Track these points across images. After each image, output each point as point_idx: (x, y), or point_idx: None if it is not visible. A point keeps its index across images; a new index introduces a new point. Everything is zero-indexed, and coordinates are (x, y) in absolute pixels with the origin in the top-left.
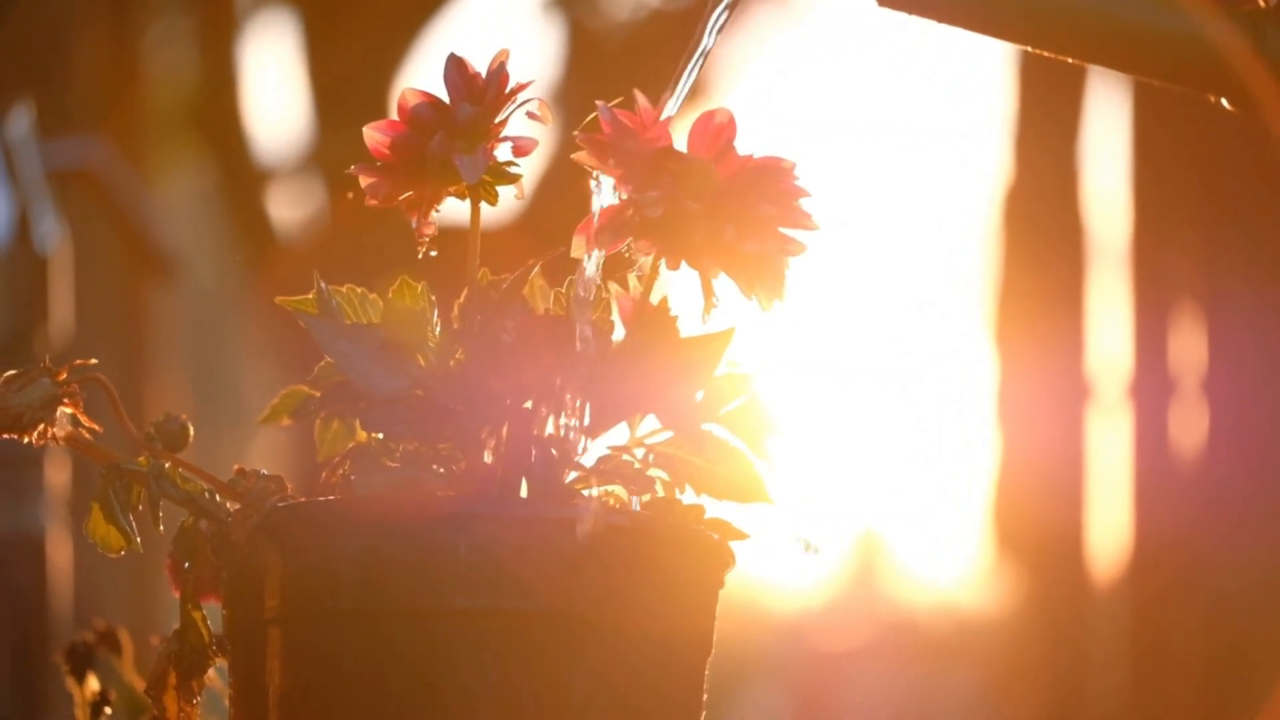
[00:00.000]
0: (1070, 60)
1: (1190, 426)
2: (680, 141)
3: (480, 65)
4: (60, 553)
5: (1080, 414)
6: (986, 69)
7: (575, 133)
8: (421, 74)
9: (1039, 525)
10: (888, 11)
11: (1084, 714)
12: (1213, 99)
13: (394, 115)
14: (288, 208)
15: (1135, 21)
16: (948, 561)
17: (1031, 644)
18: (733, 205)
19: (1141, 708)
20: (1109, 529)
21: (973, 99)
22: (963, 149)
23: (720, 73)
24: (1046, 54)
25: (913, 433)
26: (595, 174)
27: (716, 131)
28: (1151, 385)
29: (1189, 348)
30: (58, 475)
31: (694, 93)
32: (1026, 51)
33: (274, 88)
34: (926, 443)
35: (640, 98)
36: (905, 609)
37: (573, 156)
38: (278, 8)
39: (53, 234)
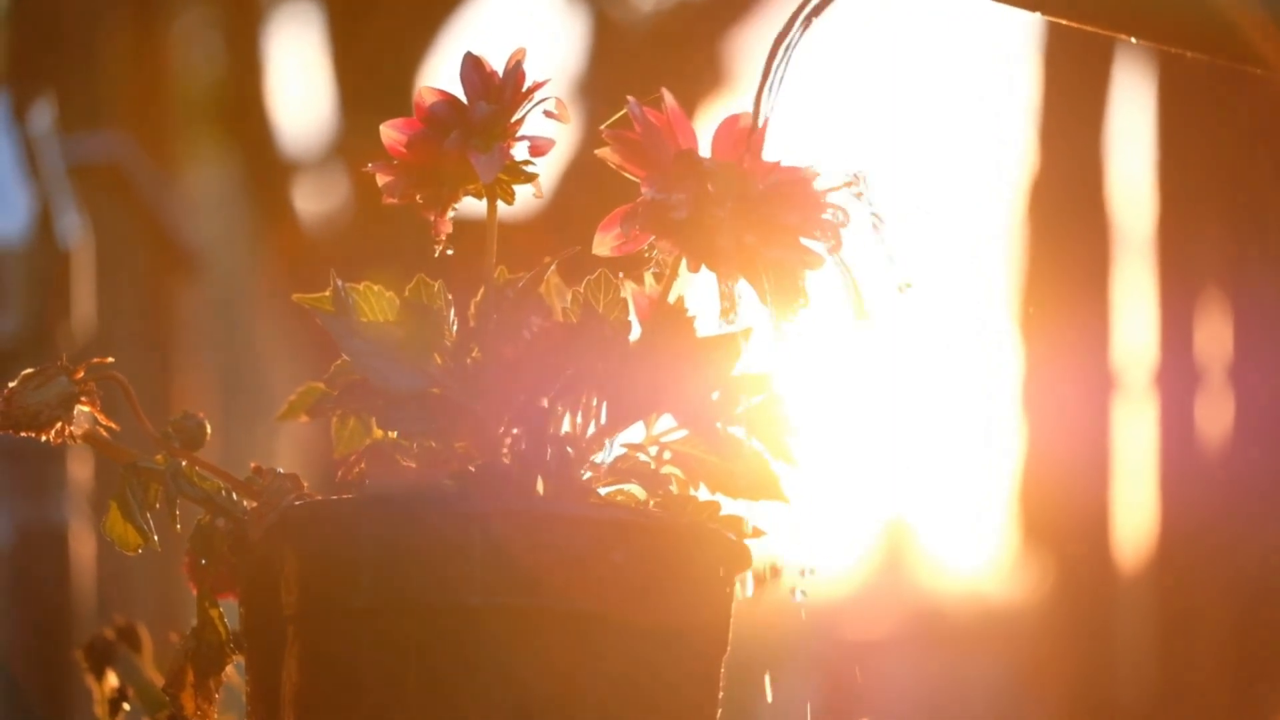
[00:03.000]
0: (1146, 42)
1: (1216, 415)
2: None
3: (498, 63)
4: (83, 547)
5: (1106, 403)
6: (1011, 59)
7: (602, 129)
8: (447, 65)
9: (1066, 514)
10: None
11: (1111, 701)
12: (1260, 71)
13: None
14: (313, 200)
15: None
16: (975, 550)
17: (1058, 632)
18: (756, 211)
19: (1168, 695)
20: (1135, 517)
21: (997, 89)
22: (988, 138)
23: (743, 64)
24: (1101, 30)
25: (939, 422)
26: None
27: (742, 136)
28: (1177, 374)
29: (1215, 336)
30: (80, 470)
31: (716, 87)
32: (1051, 40)
33: (299, 80)
34: (953, 432)
35: (668, 97)
36: (932, 598)
37: (597, 153)
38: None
39: (75, 228)
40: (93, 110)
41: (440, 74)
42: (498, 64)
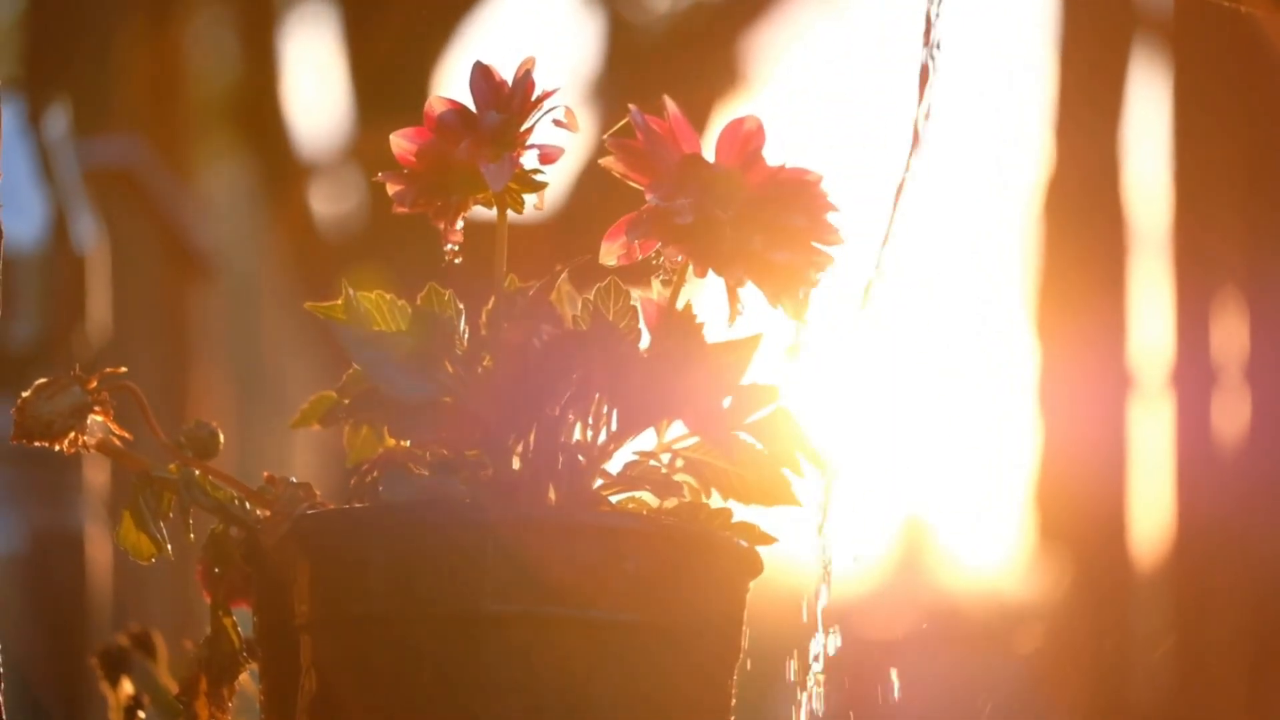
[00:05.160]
0: None
1: (1232, 414)
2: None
3: (509, 71)
4: (100, 551)
5: (1122, 402)
6: (1028, 56)
7: (605, 137)
8: (462, 68)
9: (1082, 513)
10: None
11: (1128, 700)
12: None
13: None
14: (328, 203)
15: None
16: (991, 549)
17: (1075, 630)
18: (761, 214)
19: (1185, 694)
20: (1152, 516)
21: (1014, 87)
22: (1004, 136)
23: (758, 63)
24: None
25: (956, 421)
26: None
27: (745, 139)
28: (1194, 373)
29: (1231, 335)
30: (97, 475)
31: (732, 88)
32: (1066, 36)
33: (314, 84)
34: (970, 431)
35: (670, 104)
36: (949, 596)
37: (602, 162)
38: (318, 1)
39: (90, 233)
40: (108, 115)
41: (455, 76)
42: (508, 72)
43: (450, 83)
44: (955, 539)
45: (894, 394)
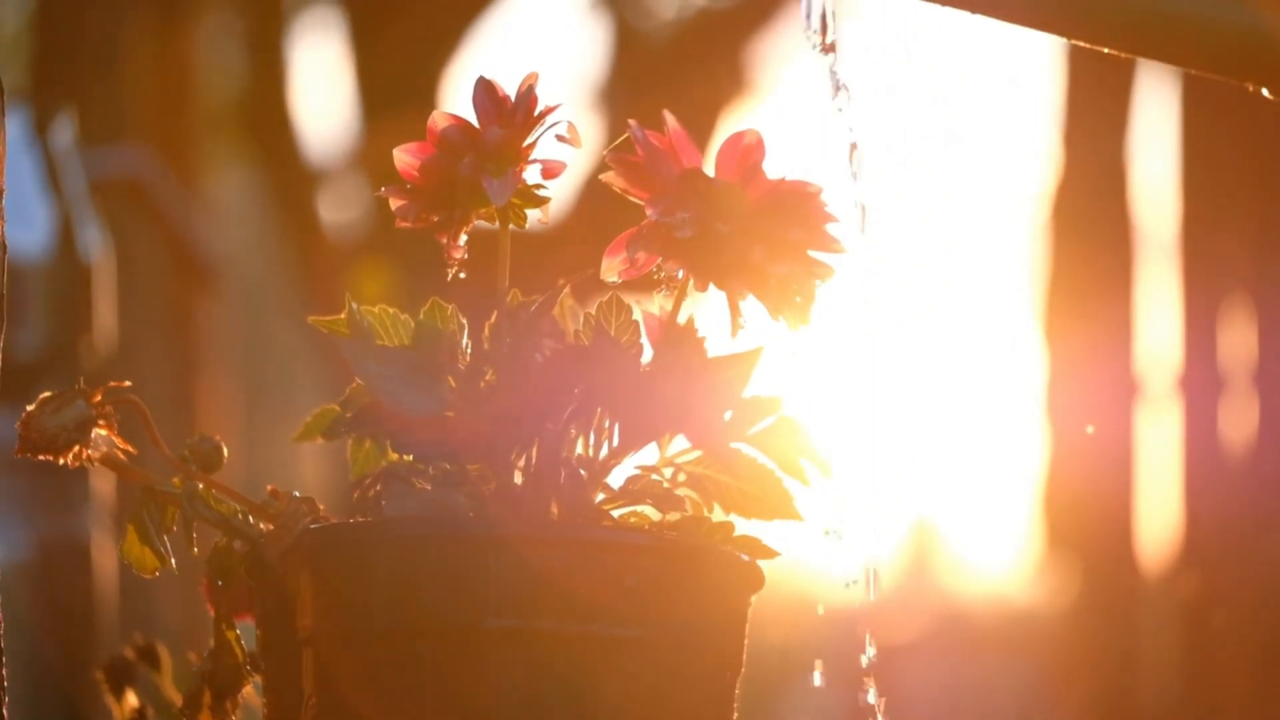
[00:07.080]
0: (1111, 51)
1: (1240, 419)
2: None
3: (511, 86)
4: (106, 559)
5: (1130, 407)
6: (1035, 63)
7: (605, 153)
8: (469, 74)
9: (1090, 518)
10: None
11: (1135, 705)
12: (1251, 88)
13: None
14: (336, 211)
15: (1181, 11)
16: (1000, 554)
17: (1083, 636)
18: (761, 227)
19: (1193, 699)
20: (1159, 521)
21: (1022, 93)
22: (1013, 143)
23: (766, 69)
24: (1090, 46)
25: (965, 426)
26: None
27: (745, 153)
28: (1201, 378)
29: (1239, 341)
30: (104, 484)
31: (737, 94)
32: (1076, 45)
33: (322, 91)
34: (978, 436)
35: (670, 118)
36: (958, 601)
37: (602, 177)
38: (325, 8)
39: (97, 243)
40: (114, 124)
41: (463, 83)
42: (511, 87)
43: (458, 90)
44: (964, 544)
45: (903, 399)
